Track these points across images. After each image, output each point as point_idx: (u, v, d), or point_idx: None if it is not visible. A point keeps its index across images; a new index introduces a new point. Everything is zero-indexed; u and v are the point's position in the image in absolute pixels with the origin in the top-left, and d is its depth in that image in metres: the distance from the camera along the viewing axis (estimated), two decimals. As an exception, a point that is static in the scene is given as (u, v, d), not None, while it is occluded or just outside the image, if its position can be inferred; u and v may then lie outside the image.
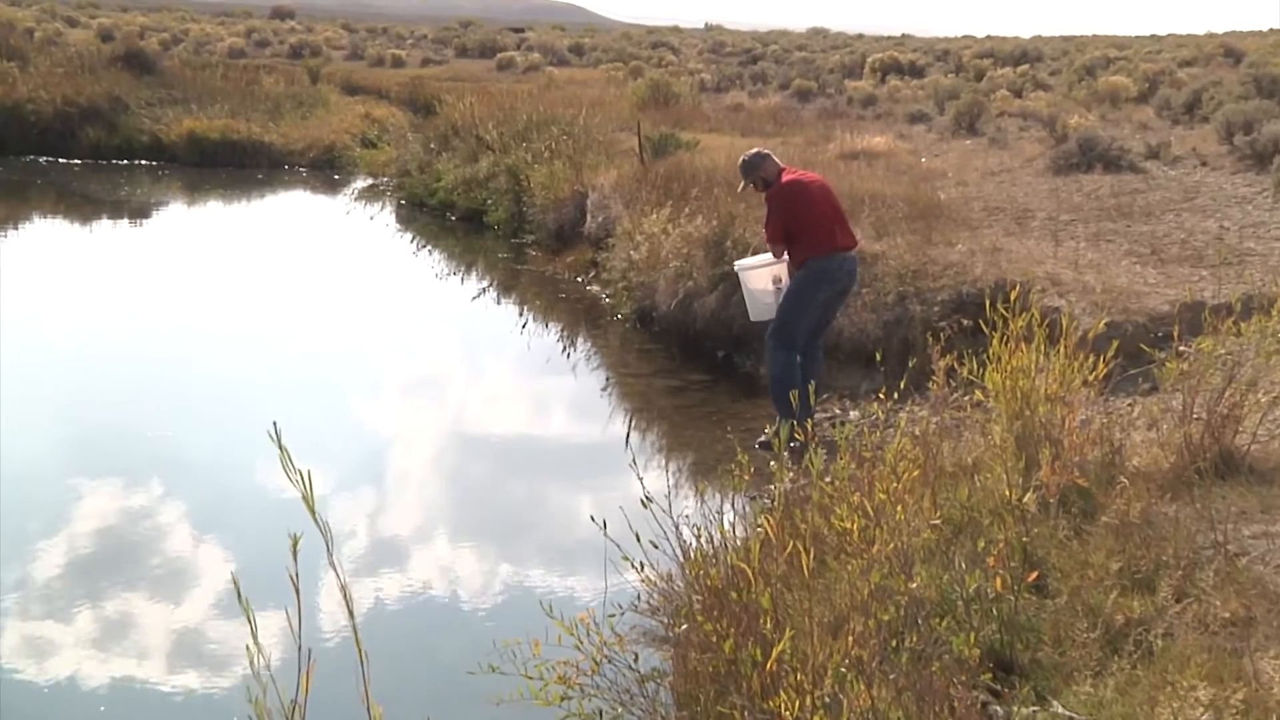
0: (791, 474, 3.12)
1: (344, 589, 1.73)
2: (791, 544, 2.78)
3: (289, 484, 1.57)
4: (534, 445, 6.58)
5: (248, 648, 1.71)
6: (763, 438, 6.07)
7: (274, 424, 1.62)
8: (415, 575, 4.85)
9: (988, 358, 4.03)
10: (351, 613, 1.68)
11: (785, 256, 6.14)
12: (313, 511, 1.60)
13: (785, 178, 6.11)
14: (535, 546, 5.19)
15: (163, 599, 4.56)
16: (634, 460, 3.97)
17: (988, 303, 4.17)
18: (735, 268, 6.50)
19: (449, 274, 11.72)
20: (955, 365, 4.10)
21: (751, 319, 6.47)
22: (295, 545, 1.54)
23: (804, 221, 5.97)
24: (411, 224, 14.58)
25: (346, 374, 7.93)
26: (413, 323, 9.66)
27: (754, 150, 6.38)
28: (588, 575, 4.68)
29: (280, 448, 1.60)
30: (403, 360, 8.51)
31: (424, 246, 13.18)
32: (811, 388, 4.35)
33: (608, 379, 8.07)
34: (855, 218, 8.44)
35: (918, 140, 14.45)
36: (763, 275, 6.27)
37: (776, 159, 6.29)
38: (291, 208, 16.31)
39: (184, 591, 4.62)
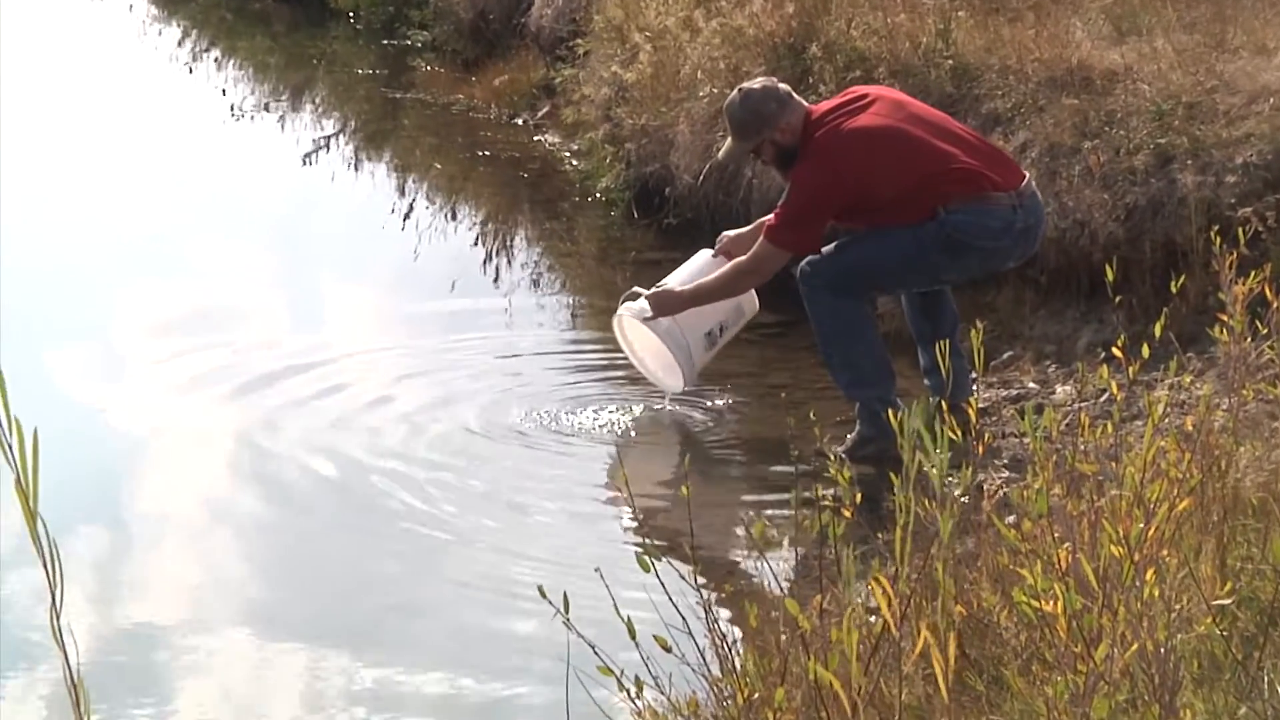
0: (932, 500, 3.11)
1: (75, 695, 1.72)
2: (924, 638, 2.78)
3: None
4: (425, 451, 6.60)
5: None
6: (847, 442, 6.18)
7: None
8: (201, 691, 4.88)
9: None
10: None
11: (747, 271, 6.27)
12: (33, 519, 1.59)
13: (844, 127, 6.02)
14: (431, 644, 5.21)
15: None
16: (624, 482, 3.96)
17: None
18: (631, 320, 6.49)
19: (259, 108, 11.70)
20: (1269, 294, 4.08)
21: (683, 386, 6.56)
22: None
23: (897, 184, 6.00)
24: (184, 4, 14.52)
25: (52, 308, 7.96)
26: (186, 204, 9.67)
27: (758, 83, 6.27)
28: (533, 698, 4.73)
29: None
30: (166, 277, 8.52)
31: (207, 51, 13.14)
32: (944, 349, 4.32)
33: (573, 319, 8.08)
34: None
35: None
36: (700, 319, 6.38)
37: (799, 97, 6.23)
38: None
39: None
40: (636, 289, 6.43)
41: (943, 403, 3.77)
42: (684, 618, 3.35)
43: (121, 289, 8.27)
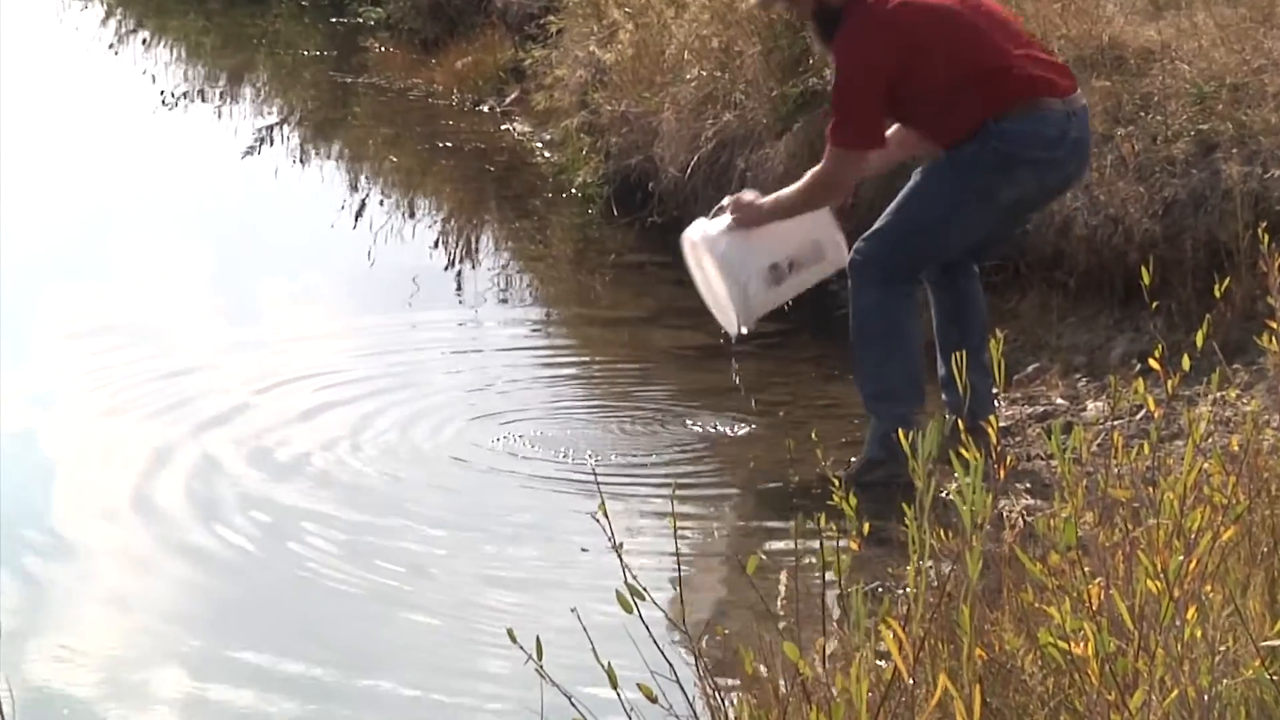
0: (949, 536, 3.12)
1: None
2: (942, 684, 2.79)
3: None
4: (379, 480, 6.59)
5: None
6: (854, 466, 6.19)
7: None
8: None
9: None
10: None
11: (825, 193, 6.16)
12: None
13: None
14: (389, 697, 5.19)
15: None
16: (603, 512, 3.97)
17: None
18: (694, 242, 6.42)
19: (193, 95, 11.68)
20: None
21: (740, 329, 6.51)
22: None
23: (951, 74, 5.93)
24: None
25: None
26: (110, 204, 9.66)
27: None
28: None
29: None
30: (88, 287, 8.51)
31: (134, 32, 13.12)
32: (961, 360, 4.31)
33: (546, 328, 8.07)
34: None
35: None
36: (766, 247, 6.27)
37: None
38: None
39: None
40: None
41: (960, 421, 3.78)
42: (671, 664, 3.35)
43: (37, 300, 8.24)
